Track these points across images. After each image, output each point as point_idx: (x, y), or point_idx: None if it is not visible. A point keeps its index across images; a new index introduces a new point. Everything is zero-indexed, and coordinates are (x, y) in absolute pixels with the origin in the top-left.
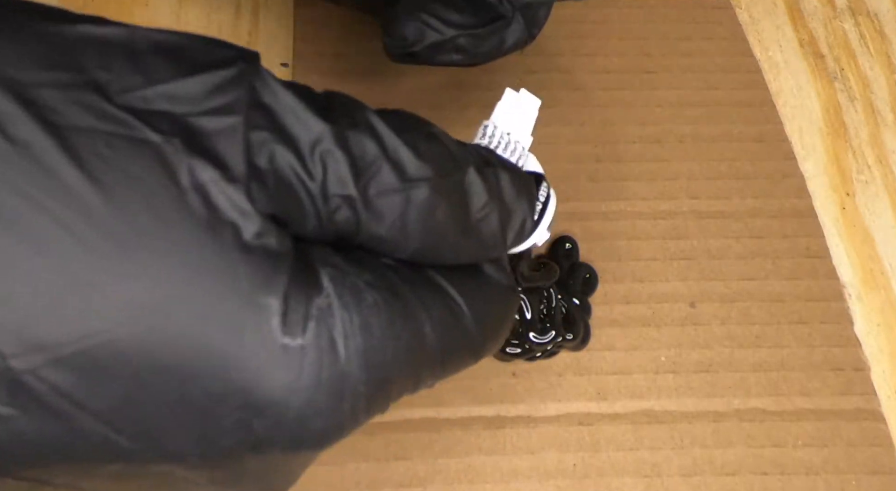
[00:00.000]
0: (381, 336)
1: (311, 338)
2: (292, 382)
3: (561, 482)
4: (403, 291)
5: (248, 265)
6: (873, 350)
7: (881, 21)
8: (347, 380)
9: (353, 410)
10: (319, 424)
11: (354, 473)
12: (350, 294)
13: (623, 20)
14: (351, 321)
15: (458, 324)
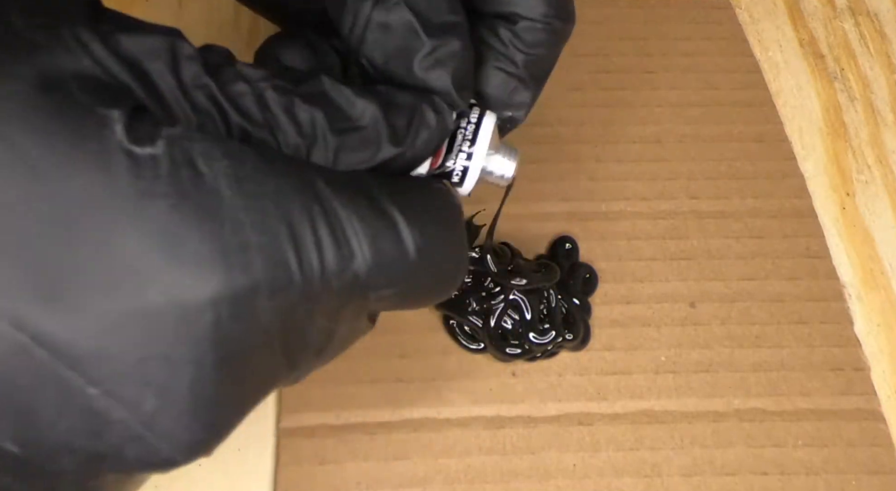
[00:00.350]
0: (255, 168)
1: (162, 149)
2: (146, 187)
3: (561, 482)
4: (280, 150)
5: (83, 83)
6: (873, 350)
7: (881, 21)
8: (220, 198)
9: (238, 239)
10: (193, 246)
11: (354, 472)
12: (209, 133)
13: (623, 20)
14: (212, 147)
15: (368, 197)
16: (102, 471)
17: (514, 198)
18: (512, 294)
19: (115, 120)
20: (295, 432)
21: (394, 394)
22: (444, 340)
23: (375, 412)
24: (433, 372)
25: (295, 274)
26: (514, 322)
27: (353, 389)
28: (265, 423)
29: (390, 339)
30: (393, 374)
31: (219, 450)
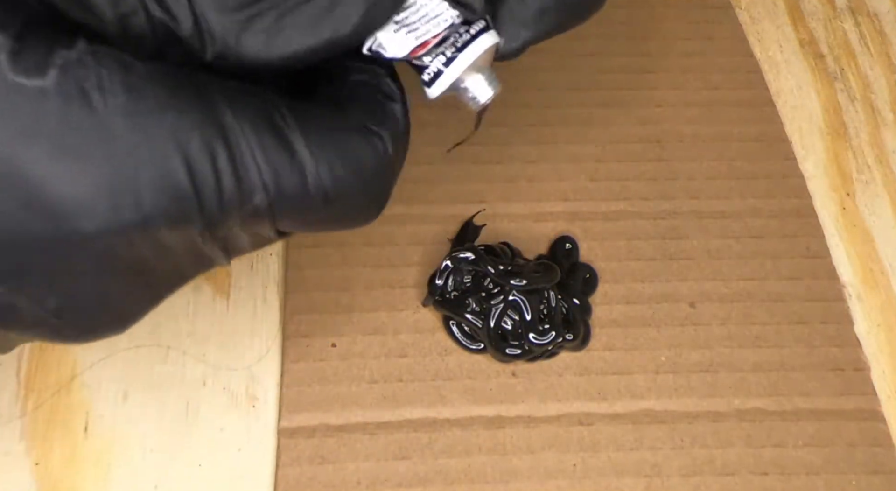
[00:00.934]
0: (155, 102)
1: (52, 80)
2: (30, 126)
3: (561, 482)
4: (200, 77)
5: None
6: (873, 350)
7: (881, 21)
8: (111, 136)
9: (130, 184)
10: (75, 181)
11: (354, 472)
12: (112, 58)
13: (623, 20)
14: (110, 79)
15: (276, 134)
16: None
17: (514, 198)
18: (512, 295)
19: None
20: (295, 432)
21: (394, 394)
22: (444, 340)
23: (375, 412)
24: (433, 372)
25: (192, 208)
26: (513, 322)
27: (353, 389)
28: (265, 423)
29: (390, 339)
30: (393, 374)
31: (218, 450)
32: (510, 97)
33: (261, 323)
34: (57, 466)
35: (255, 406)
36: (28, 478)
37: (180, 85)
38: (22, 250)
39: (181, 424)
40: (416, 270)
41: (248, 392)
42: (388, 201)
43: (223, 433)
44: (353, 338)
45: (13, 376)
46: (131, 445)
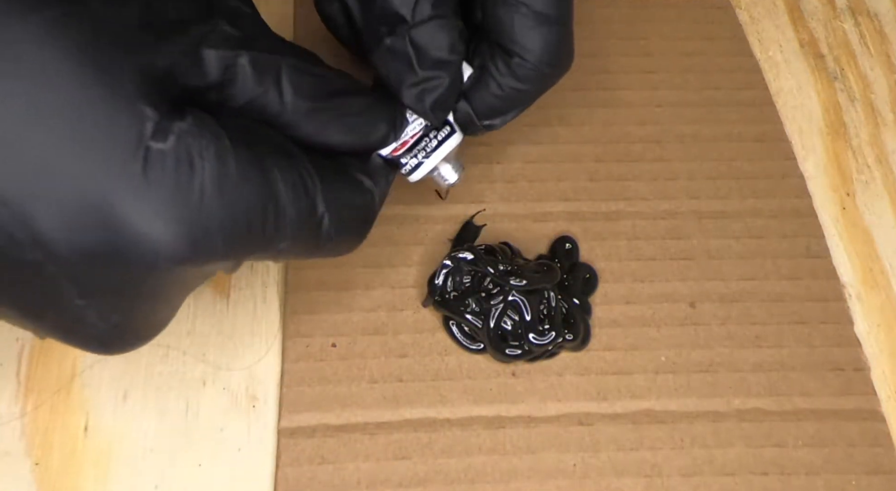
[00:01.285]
0: (235, 171)
1: (171, 146)
2: (151, 185)
3: (561, 482)
4: (261, 148)
5: (136, 76)
6: (873, 350)
7: (881, 21)
8: (203, 194)
9: (208, 227)
10: (175, 229)
11: (354, 472)
12: (209, 130)
13: (623, 20)
14: (206, 147)
15: (307, 196)
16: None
17: (515, 198)
18: (511, 295)
19: (149, 118)
20: (295, 432)
21: (394, 394)
22: (444, 340)
23: (375, 412)
24: (433, 372)
25: (245, 251)
26: (513, 323)
27: (353, 389)
28: (265, 423)
29: (390, 339)
30: (393, 374)
31: (218, 450)
32: None
33: (261, 323)
34: (57, 465)
35: (255, 406)
36: (28, 478)
37: (249, 159)
38: (108, 272)
39: (181, 424)
40: (416, 270)
41: (248, 392)
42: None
43: (223, 433)
44: (353, 338)
45: (13, 376)
46: (131, 445)
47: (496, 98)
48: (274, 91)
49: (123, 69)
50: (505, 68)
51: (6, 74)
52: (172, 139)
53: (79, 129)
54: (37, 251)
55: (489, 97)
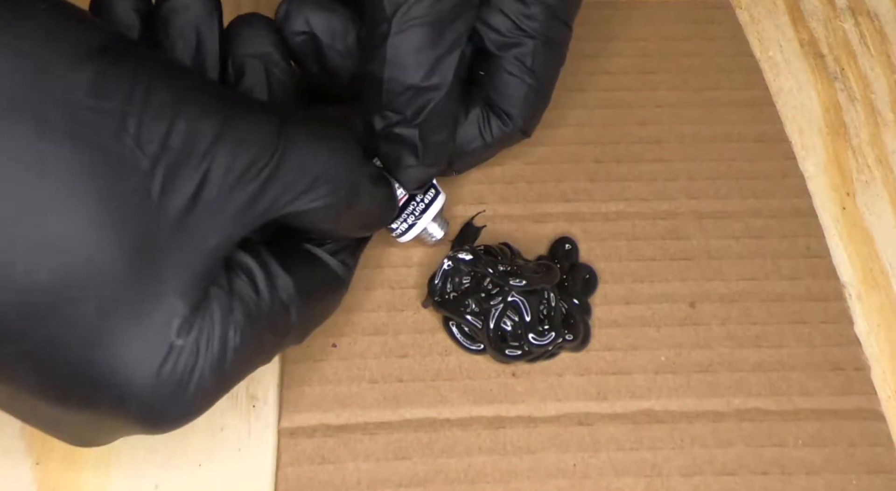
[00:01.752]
0: (233, 349)
1: (190, 341)
2: (162, 379)
3: (561, 482)
4: (257, 313)
5: (176, 277)
6: (873, 350)
7: (881, 21)
8: (201, 380)
9: (200, 403)
10: (171, 412)
11: (355, 472)
12: (222, 313)
13: (623, 21)
14: (214, 332)
15: (291, 329)
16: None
17: (515, 198)
18: (511, 295)
19: (179, 314)
20: (295, 432)
21: (394, 394)
22: (444, 341)
23: (375, 412)
24: (433, 372)
25: None
26: (513, 323)
27: (353, 389)
28: (265, 423)
29: (390, 339)
30: (393, 374)
31: (218, 450)
32: None
33: None
34: (57, 465)
35: (255, 406)
36: (28, 477)
37: (248, 339)
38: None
39: None
40: (417, 270)
41: (248, 392)
42: None
43: (223, 433)
44: (353, 338)
45: None
46: (131, 445)
47: (477, 150)
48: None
49: (164, 263)
50: (496, 127)
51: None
52: (194, 334)
53: (121, 312)
54: (35, 398)
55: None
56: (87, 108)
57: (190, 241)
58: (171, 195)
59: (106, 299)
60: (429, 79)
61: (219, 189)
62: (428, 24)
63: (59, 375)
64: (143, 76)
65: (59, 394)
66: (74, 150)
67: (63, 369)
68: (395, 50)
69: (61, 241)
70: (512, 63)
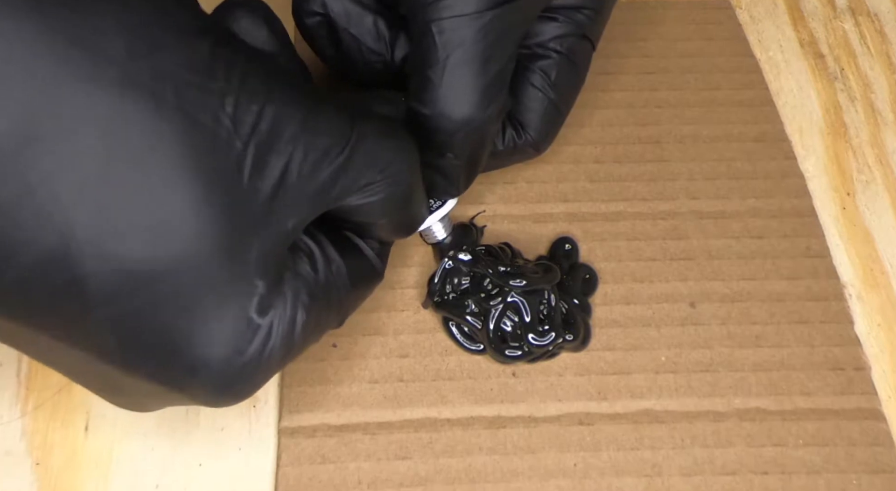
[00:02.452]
0: (301, 329)
1: (268, 321)
2: (237, 353)
3: (561, 482)
4: (319, 294)
5: (259, 255)
6: (874, 350)
7: (881, 21)
8: (271, 358)
9: (264, 380)
10: (239, 388)
11: (355, 472)
12: (293, 295)
13: (623, 21)
14: (286, 312)
15: (341, 309)
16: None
17: (515, 198)
18: (511, 296)
19: (258, 293)
20: (295, 432)
21: (394, 394)
22: (444, 341)
23: (376, 412)
24: (433, 372)
25: None
26: (513, 324)
27: (353, 389)
28: (265, 423)
29: (390, 339)
30: (393, 374)
31: (219, 450)
32: None
33: None
34: (57, 465)
35: (256, 406)
36: (28, 478)
37: (313, 320)
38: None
39: (181, 424)
40: (417, 270)
41: None
42: None
43: (223, 433)
44: (353, 338)
45: (14, 376)
46: (132, 445)
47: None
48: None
49: (252, 243)
50: (509, 137)
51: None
52: (270, 313)
53: (207, 288)
54: (108, 363)
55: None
56: (194, 85)
57: (273, 224)
58: (260, 178)
59: (198, 275)
60: (480, 118)
61: (298, 174)
62: (480, 68)
63: (142, 342)
64: (241, 60)
65: (136, 360)
66: (186, 127)
67: (146, 337)
68: (448, 92)
69: (170, 218)
70: (536, 75)
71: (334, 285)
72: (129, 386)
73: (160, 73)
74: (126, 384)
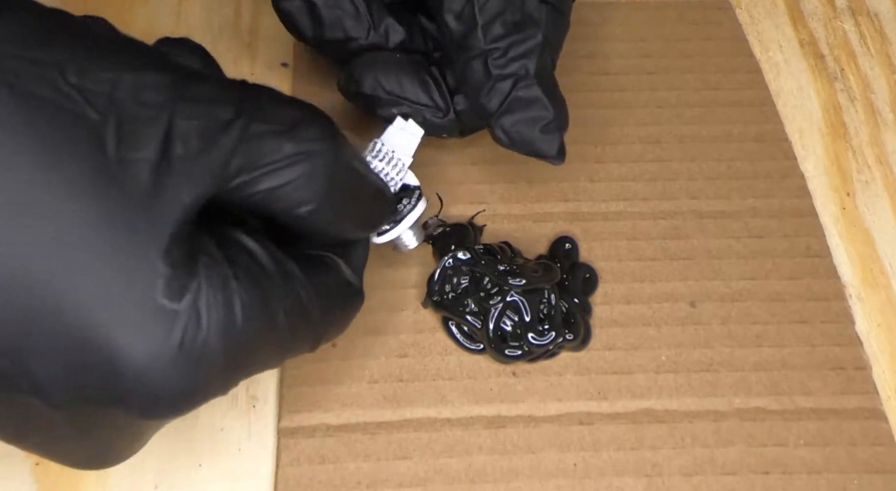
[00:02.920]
0: (241, 319)
1: (186, 304)
2: (159, 344)
3: (561, 482)
4: (264, 282)
5: (152, 232)
6: (874, 349)
7: (881, 21)
8: (206, 348)
9: (208, 379)
10: (176, 386)
11: (355, 472)
12: (219, 277)
13: (623, 21)
14: (215, 297)
15: (307, 322)
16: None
17: (515, 198)
18: (511, 295)
19: (159, 274)
20: (295, 432)
21: (394, 394)
22: (444, 340)
23: (375, 412)
24: (433, 372)
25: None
26: (513, 324)
27: (353, 389)
28: (265, 423)
29: (390, 339)
30: (393, 374)
31: (219, 450)
32: None
33: None
34: (57, 466)
35: (255, 406)
36: (28, 478)
37: (253, 301)
38: (103, 415)
39: (181, 424)
40: (416, 270)
41: (248, 392)
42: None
43: (223, 433)
44: (353, 338)
45: None
46: None
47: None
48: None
49: (137, 221)
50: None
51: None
52: (189, 297)
53: (98, 278)
54: (32, 396)
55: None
56: (22, 58)
57: (165, 199)
58: (132, 149)
59: (82, 266)
60: None
61: (185, 145)
62: None
63: (60, 362)
64: (79, 29)
65: (63, 386)
66: (19, 102)
67: (65, 351)
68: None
69: (28, 204)
70: None
71: (289, 281)
72: (67, 429)
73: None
74: (65, 428)
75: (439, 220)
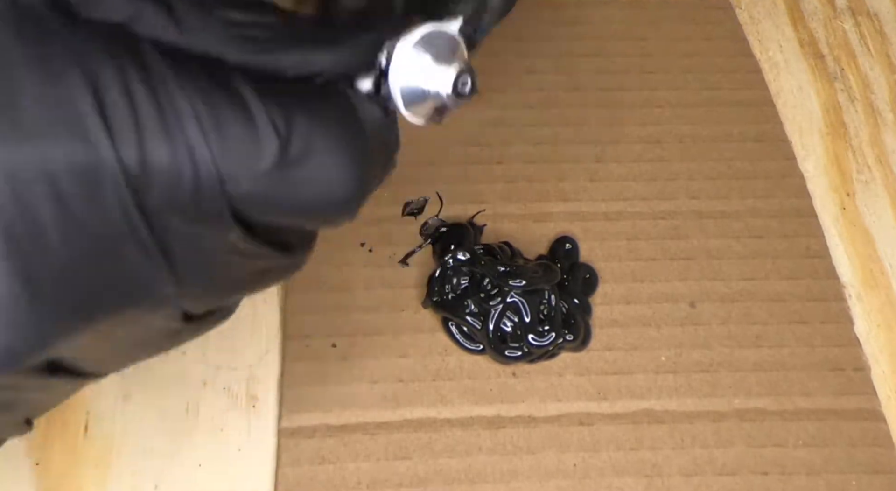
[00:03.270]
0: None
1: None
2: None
3: (561, 482)
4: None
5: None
6: (873, 350)
7: (881, 21)
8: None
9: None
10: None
11: (355, 472)
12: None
13: (623, 21)
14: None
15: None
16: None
17: (515, 198)
18: (510, 296)
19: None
20: (295, 432)
21: (394, 394)
22: (444, 341)
23: (375, 412)
24: (433, 372)
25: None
26: (513, 324)
27: (353, 389)
28: (265, 423)
29: (390, 339)
30: (393, 374)
31: (219, 450)
32: (510, 98)
33: (261, 323)
34: (57, 466)
35: (256, 406)
36: (28, 478)
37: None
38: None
39: (181, 424)
40: (416, 270)
41: (249, 392)
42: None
43: (223, 433)
44: (353, 338)
45: None
46: (131, 445)
47: None
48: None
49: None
50: None
51: None
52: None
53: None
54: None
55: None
56: None
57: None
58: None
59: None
60: None
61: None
62: None
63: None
64: None
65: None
66: None
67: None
68: None
69: None
70: None
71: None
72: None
73: None
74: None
75: (439, 220)
